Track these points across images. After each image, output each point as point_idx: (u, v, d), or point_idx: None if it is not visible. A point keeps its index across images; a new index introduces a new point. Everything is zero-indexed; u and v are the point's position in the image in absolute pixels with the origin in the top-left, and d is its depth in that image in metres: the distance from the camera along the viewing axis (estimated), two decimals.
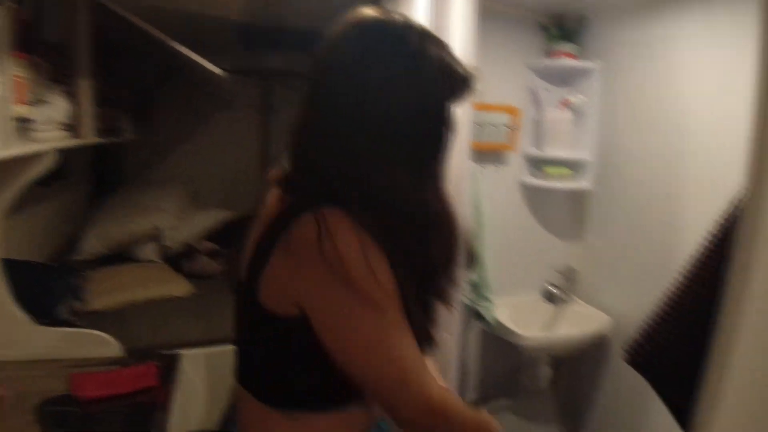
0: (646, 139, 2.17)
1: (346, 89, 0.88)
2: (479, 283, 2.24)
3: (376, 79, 0.86)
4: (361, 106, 0.86)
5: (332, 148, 0.89)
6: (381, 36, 0.89)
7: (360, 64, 0.87)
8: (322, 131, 0.90)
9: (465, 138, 1.70)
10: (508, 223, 2.45)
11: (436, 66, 0.88)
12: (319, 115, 0.90)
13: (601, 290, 2.47)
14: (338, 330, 0.87)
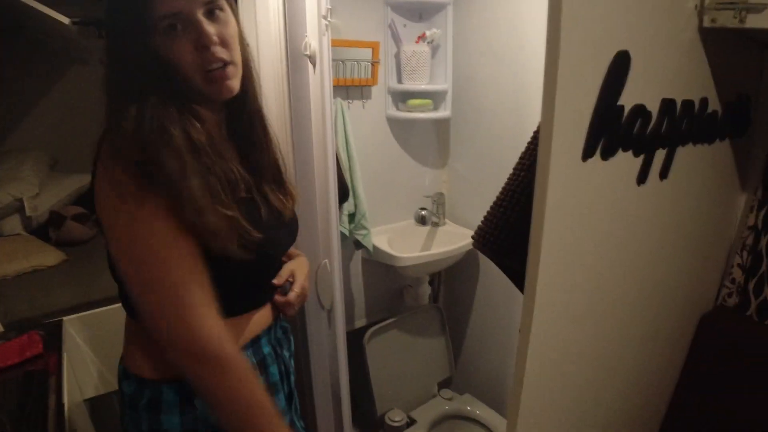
0: (496, 69, 2.32)
1: (105, 13, 0.97)
2: (356, 214, 2.34)
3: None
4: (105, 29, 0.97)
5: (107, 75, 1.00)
6: None
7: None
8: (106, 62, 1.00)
9: (327, 70, 1.71)
10: (378, 155, 2.54)
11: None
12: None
13: (467, 210, 2.66)
14: (112, 237, 0.95)
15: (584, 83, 0.85)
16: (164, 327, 0.94)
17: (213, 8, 0.97)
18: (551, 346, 1.03)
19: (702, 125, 1.26)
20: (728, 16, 1.12)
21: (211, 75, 0.98)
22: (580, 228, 0.96)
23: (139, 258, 0.93)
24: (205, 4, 0.96)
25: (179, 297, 0.92)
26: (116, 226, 0.93)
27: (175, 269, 0.93)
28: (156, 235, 0.92)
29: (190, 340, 0.92)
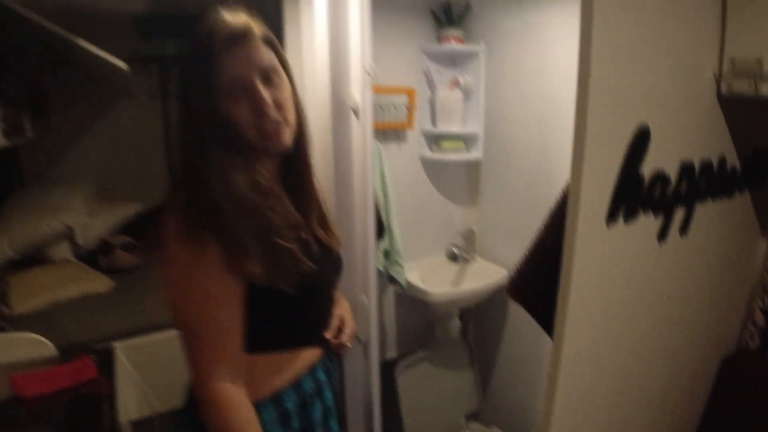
0: (525, 112, 2.43)
1: (179, 80, 1.10)
2: (390, 250, 2.44)
3: (181, 69, 1.10)
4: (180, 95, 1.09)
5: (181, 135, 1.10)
6: (192, 34, 1.08)
7: (181, 58, 1.13)
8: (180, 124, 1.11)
9: (368, 117, 1.84)
10: (412, 194, 2.66)
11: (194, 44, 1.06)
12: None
13: (497, 247, 2.75)
14: (166, 280, 1.04)
15: (608, 156, 0.96)
16: (187, 361, 1.06)
17: (269, 74, 1.08)
18: (577, 390, 1.12)
19: (721, 181, 1.35)
20: (744, 85, 1.21)
21: (265, 132, 1.08)
22: (604, 283, 1.06)
23: (177, 303, 1.05)
24: (262, 71, 1.07)
25: (204, 339, 1.04)
26: (168, 271, 1.04)
27: (205, 322, 1.03)
28: (198, 279, 1.02)
29: (202, 378, 1.04)
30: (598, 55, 0.91)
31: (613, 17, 0.94)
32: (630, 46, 0.99)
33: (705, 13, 1.21)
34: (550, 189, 2.34)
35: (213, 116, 1.06)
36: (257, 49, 1.08)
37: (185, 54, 1.08)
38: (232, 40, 1.04)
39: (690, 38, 1.18)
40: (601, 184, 0.96)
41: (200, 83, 1.04)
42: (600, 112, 0.92)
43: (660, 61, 1.07)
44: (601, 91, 0.92)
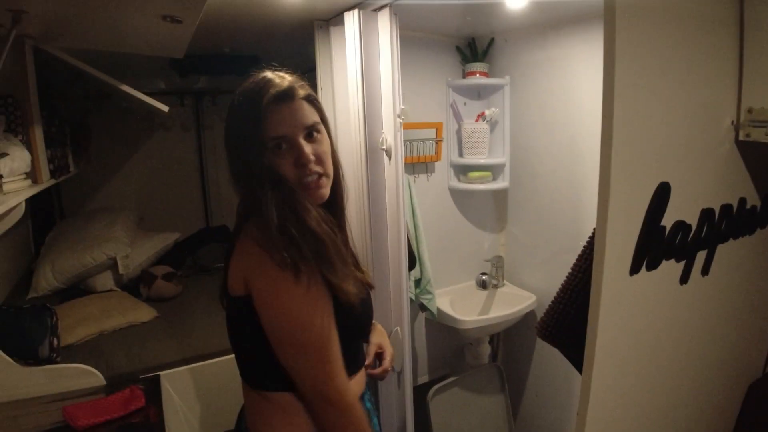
0: (550, 142, 2.50)
1: (226, 130, 1.20)
2: (421, 279, 2.52)
3: (230, 122, 1.19)
4: (228, 144, 1.19)
5: (231, 177, 1.20)
6: (240, 92, 1.18)
7: (229, 112, 1.19)
8: (228, 166, 1.20)
9: (400, 156, 1.95)
10: (441, 223, 2.74)
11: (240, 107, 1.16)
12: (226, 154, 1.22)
13: (525, 273, 2.81)
14: (272, 310, 1.11)
15: (630, 211, 1.03)
16: (310, 382, 1.12)
17: (312, 131, 1.19)
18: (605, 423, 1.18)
19: (741, 221, 1.40)
20: (761, 133, 1.27)
21: (306, 184, 1.18)
22: (629, 326, 1.13)
23: (294, 328, 1.11)
24: (306, 129, 1.17)
25: (325, 358, 1.12)
26: (274, 298, 1.11)
27: (322, 336, 1.12)
28: (307, 308, 1.10)
29: (332, 391, 1.12)
30: (619, 120, 0.98)
31: (634, 82, 1.01)
32: (651, 107, 1.06)
33: (723, 65, 1.27)
34: (575, 215, 2.41)
35: (261, 166, 1.14)
36: (301, 108, 1.18)
37: (234, 108, 1.18)
38: (278, 99, 1.14)
39: (709, 91, 1.24)
40: (624, 239, 1.04)
41: (248, 137, 1.14)
42: (622, 172, 0.99)
43: (680, 118, 1.14)
44: (623, 151, 0.99)
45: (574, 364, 1.49)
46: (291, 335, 1.12)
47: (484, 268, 2.84)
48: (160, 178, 3.86)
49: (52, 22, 1.85)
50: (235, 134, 1.18)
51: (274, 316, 1.12)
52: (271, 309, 1.11)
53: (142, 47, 2.32)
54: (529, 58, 2.51)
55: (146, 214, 3.71)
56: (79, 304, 2.72)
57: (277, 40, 2.61)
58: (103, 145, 3.58)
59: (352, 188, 1.92)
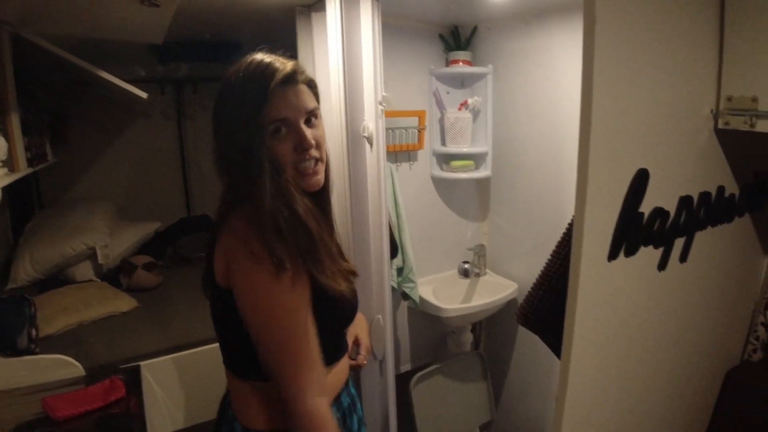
0: (532, 131, 2.50)
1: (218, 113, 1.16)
2: (404, 268, 2.51)
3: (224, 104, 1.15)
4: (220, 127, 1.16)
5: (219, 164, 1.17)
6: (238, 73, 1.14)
7: (223, 94, 1.15)
8: (217, 152, 1.17)
9: (381, 144, 1.93)
10: (424, 213, 2.73)
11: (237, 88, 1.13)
12: (214, 139, 1.18)
13: (507, 262, 2.82)
14: (252, 305, 1.10)
15: (609, 198, 1.04)
16: (279, 380, 1.10)
17: (311, 117, 1.19)
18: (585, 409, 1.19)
19: (720, 209, 1.41)
20: (740, 122, 1.28)
21: (304, 169, 1.17)
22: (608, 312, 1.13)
23: (271, 327, 1.09)
24: (306, 113, 1.17)
25: (297, 361, 1.09)
26: (254, 295, 1.09)
27: (296, 338, 1.09)
28: (286, 305, 1.08)
29: (299, 397, 1.08)
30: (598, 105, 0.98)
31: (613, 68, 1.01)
32: (630, 93, 1.06)
33: (703, 52, 1.28)
34: (557, 204, 2.42)
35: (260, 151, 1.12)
36: (303, 91, 1.18)
37: (230, 89, 1.14)
38: (284, 82, 1.13)
39: (688, 78, 1.25)
40: (603, 225, 1.04)
41: (247, 120, 1.11)
42: (601, 158, 0.99)
43: (659, 104, 1.15)
44: (601, 137, 0.99)
45: (554, 349, 1.51)
46: (267, 333, 1.10)
47: (466, 256, 2.84)
48: (141, 168, 3.81)
49: (29, 7, 1.82)
50: (230, 117, 1.15)
51: (251, 312, 1.10)
52: (250, 305, 1.10)
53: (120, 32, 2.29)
54: (513, 47, 2.50)
55: (126, 203, 3.68)
56: (58, 295, 2.70)
57: (258, 27, 2.58)
58: (82, 133, 3.52)
59: (336, 177, 1.91)
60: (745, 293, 1.79)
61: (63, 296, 2.68)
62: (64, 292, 2.75)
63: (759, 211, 1.65)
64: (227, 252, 1.11)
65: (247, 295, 1.09)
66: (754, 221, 1.65)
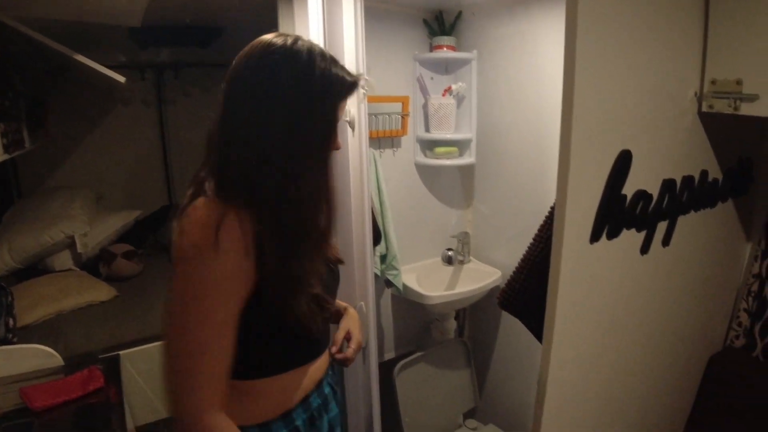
0: (517, 117, 2.48)
1: (248, 100, 1.01)
2: (387, 255, 2.50)
3: (271, 93, 1.01)
4: (259, 113, 1.01)
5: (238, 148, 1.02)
6: (276, 56, 1.02)
7: (259, 82, 1.01)
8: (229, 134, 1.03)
9: (364, 129, 1.91)
10: (407, 199, 2.71)
11: (320, 79, 1.03)
12: (227, 121, 1.03)
13: (491, 249, 2.81)
14: (168, 305, 0.98)
15: (591, 179, 1.02)
16: (168, 385, 0.97)
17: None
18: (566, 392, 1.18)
19: (703, 194, 1.41)
20: (724, 105, 1.27)
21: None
22: (590, 294, 1.13)
23: (179, 315, 0.97)
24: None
25: (195, 368, 0.96)
26: (178, 279, 0.97)
27: (200, 338, 0.96)
28: (201, 299, 0.95)
29: (183, 406, 0.97)
30: (581, 85, 0.97)
31: (596, 48, 1.00)
32: (613, 73, 1.05)
33: (687, 35, 1.26)
34: (541, 191, 2.40)
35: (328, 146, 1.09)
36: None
37: (303, 72, 1.03)
38: (353, 90, 1.11)
39: (672, 61, 1.23)
40: (585, 207, 1.03)
41: (322, 109, 1.05)
42: (583, 140, 0.98)
43: (643, 86, 1.13)
44: (584, 120, 0.97)
45: (535, 334, 1.49)
46: (170, 321, 0.98)
47: (450, 244, 2.83)
48: (121, 155, 3.75)
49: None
50: (286, 98, 1.01)
51: (171, 292, 0.98)
52: (175, 285, 0.98)
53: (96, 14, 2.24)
54: (497, 33, 2.48)
55: (106, 191, 3.63)
56: (36, 284, 2.67)
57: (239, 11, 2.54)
58: (61, 120, 3.45)
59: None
60: (727, 279, 1.80)
61: (41, 286, 2.65)
62: (43, 281, 2.71)
63: (742, 197, 1.65)
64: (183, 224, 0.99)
65: (176, 277, 0.97)
66: (737, 207, 1.65)
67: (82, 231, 2.98)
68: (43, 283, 2.68)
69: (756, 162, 1.67)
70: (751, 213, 1.75)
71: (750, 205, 1.73)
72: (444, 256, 2.82)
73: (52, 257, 2.95)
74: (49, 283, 2.67)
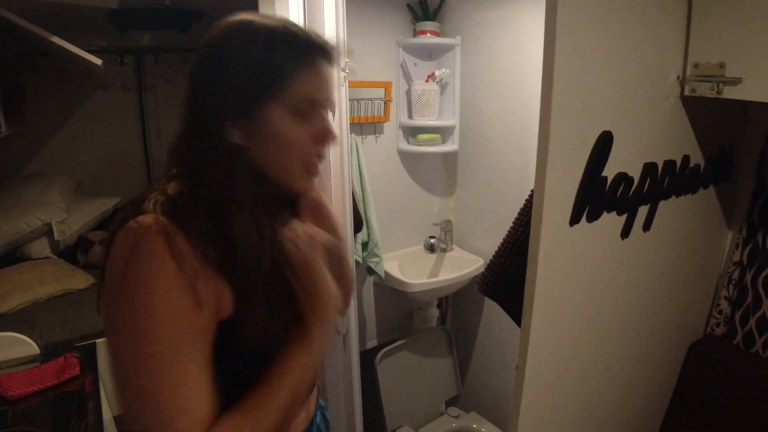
0: (500, 105, 2.47)
1: (204, 75, 0.88)
2: (368, 242, 2.48)
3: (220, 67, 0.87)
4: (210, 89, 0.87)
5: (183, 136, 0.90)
6: (234, 36, 0.88)
7: (210, 56, 0.88)
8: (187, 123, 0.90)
9: (344, 114, 1.88)
10: (390, 187, 2.69)
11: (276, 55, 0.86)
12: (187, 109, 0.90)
13: (474, 237, 2.80)
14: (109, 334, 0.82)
15: (571, 160, 1.01)
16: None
17: (332, 106, 0.95)
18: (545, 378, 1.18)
19: (684, 179, 1.40)
20: (706, 88, 1.26)
21: (313, 165, 0.92)
22: (569, 278, 1.11)
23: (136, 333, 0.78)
24: (331, 101, 0.93)
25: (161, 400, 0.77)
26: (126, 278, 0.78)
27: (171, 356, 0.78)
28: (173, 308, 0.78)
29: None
30: (561, 64, 0.95)
31: (577, 26, 0.98)
32: (594, 54, 1.03)
33: (670, 17, 1.25)
34: (524, 179, 2.40)
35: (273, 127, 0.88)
36: (333, 75, 0.93)
37: (234, 41, 0.88)
38: (324, 55, 0.91)
39: (655, 43, 1.22)
40: (565, 188, 1.01)
41: (263, 82, 0.86)
42: (563, 120, 0.96)
43: (625, 68, 1.12)
44: (564, 99, 0.96)
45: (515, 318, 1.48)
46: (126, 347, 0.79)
47: (432, 231, 2.82)
48: (100, 142, 3.67)
49: None
50: (232, 82, 0.86)
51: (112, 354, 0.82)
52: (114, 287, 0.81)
53: None
54: (481, 18, 2.46)
55: (85, 178, 3.55)
56: (12, 272, 2.62)
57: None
58: (38, 106, 3.36)
59: None
60: (708, 266, 1.80)
61: (17, 273, 2.60)
62: (19, 268, 2.66)
63: (723, 184, 1.65)
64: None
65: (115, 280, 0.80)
66: (718, 194, 1.65)
67: (60, 218, 2.93)
68: (19, 270, 2.63)
69: (738, 149, 1.66)
70: (733, 200, 1.75)
71: (732, 193, 1.72)
72: (426, 244, 2.81)
73: (29, 245, 2.89)
74: (25, 271, 2.62)
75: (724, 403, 1.71)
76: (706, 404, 1.76)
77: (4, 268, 2.65)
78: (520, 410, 1.13)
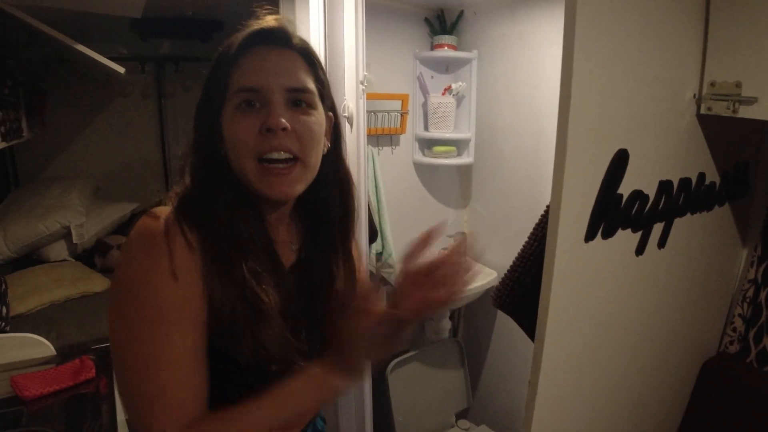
0: (515, 119, 2.48)
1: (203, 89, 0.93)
2: (383, 252, 2.49)
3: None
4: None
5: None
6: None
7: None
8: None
9: (362, 125, 1.91)
10: (405, 198, 2.71)
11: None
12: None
13: (487, 249, 2.80)
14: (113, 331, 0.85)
15: (587, 177, 1.02)
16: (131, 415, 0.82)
17: (299, 99, 0.88)
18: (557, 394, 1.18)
19: (699, 197, 1.40)
20: (722, 107, 1.27)
21: (269, 163, 0.86)
22: (583, 295, 1.12)
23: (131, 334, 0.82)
24: (290, 90, 0.87)
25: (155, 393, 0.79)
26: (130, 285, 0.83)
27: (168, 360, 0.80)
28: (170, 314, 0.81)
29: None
30: (579, 83, 0.96)
31: (594, 45, 0.99)
32: (612, 72, 1.04)
33: (687, 36, 1.26)
34: (538, 193, 2.40)
35: (214, 128, 0.89)
36: (292, 60, 0.89)
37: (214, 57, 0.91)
38: (263, 39, 0.87)
39: (671, 61, 1.23)
40: (580, 205, 1.02)
41: (211, 88, 0.89)
42: (580, 138, 0.97)
43: (641, 86, 1.13)
44: (581, 117, 0.97)
45: (528, 333, 1.49)
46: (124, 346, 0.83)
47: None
48: (119, 147, 3.73)
49: None
50: (203, 89, 0.91)
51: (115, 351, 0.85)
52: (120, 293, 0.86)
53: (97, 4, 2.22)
54: (498, 32, 2.48)
55: (104, 183, 3.60)
56: (30, 274, 2.65)
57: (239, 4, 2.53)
58: (60, 111, 3.43)
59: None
60: (722, 284, 1.79)
61: (35, 275, 2.63)
62: (37, 271, 2.69)
63: (738, 202, 1.65)
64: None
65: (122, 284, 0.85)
66: (734, 212, 1.65)
67: (78, 221, 2.97)
68: (37, 272, 2.66)
69: (753, 167, 1.66)
70: (748, 218, 1.74)
71: (747, 211, 1.72)
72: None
73: (47, 247, 2.93)
74: (43, 273, 2.66)
75: (737, 421, 1.69)
76: (719, 422, 1.74)
77: (22, 270, 2.69)
78: (532, 425, 1.14)
